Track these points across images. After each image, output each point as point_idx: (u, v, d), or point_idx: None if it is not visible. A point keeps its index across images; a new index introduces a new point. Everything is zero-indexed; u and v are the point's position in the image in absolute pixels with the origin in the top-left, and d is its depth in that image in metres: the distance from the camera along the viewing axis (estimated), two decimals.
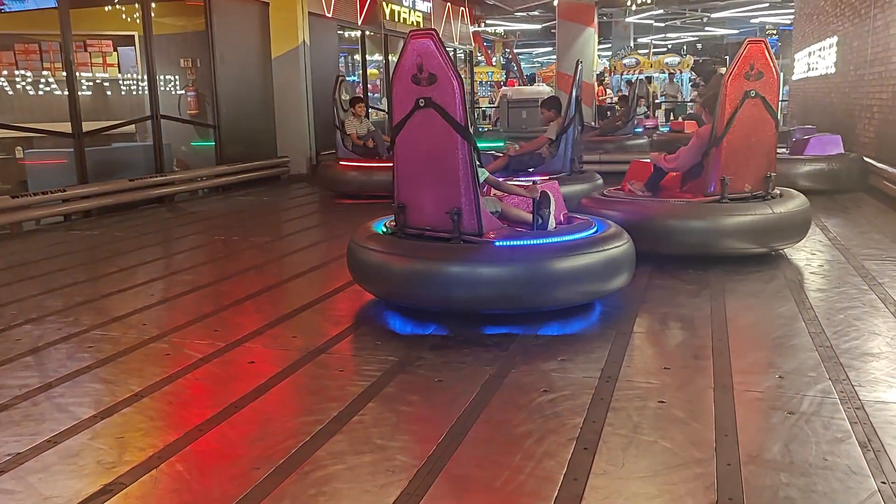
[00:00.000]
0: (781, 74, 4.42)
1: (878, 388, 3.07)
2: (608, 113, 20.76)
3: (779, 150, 9.54)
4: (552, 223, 4.39)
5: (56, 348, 3.93)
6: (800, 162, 8.91)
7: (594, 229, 4.38)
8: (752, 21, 25.55)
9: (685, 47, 32.76)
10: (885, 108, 8.80)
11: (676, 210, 5.29)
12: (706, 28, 28.42)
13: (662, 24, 27.37)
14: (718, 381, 3.18)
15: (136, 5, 9.73)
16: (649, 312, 4.29)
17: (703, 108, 5.78)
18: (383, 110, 15.93)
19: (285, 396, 3.28)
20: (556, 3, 19.37)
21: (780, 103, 6.42)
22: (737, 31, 29.36)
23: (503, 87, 26.63)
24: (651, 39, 28.95)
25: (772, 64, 5.10)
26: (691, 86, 24.08)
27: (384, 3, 15.32)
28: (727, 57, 30.12)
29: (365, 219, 4.91)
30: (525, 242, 4.10)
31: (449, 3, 19.47)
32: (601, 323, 4.17)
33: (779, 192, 5.56)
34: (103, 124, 9.39)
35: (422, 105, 4.03)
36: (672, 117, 21.42)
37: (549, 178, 6.68)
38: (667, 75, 23.79)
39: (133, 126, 10.35)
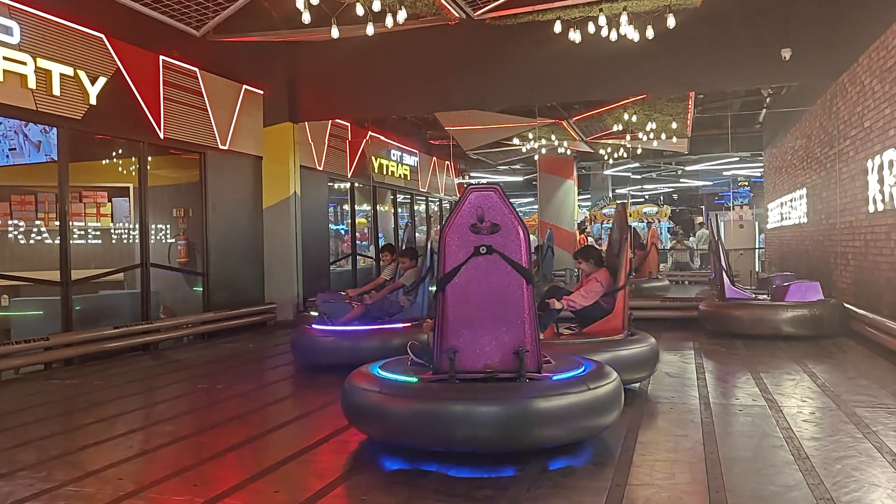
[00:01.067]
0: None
1: None
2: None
3: (760, 297, 9.79)
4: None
5: None
6: (782, 308, 9.05)
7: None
8: (725, 173, 26.77)
9: (662, 197, 34.07)
10: (860, 256, 9.08)
11: None
12: (681, 180, 29.70)
13: (639, 177, 28.59)
14: None
15: (133, 158, 10.10)
16: (643, 454, 4.18)
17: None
18: (370, 257, 16.21)
19: None
20: (536, 157, 20.29)
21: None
22: (710, 183, 30.68)
23: None
24: (629, 190, 30.12)
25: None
26: (670, 234, 24.82)
27: (373, 158, 15.99)
28: (703, 207, 31.33)
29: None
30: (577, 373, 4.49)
31: (434, 157, 20.35)
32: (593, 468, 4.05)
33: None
34: (93, 272, 9.45)
35: (483, 252, 4.38)
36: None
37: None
38: (646, 224, 24.55)
39: (122, 273, 10.41)
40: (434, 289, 4.70)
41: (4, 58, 7.62)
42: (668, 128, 15.65)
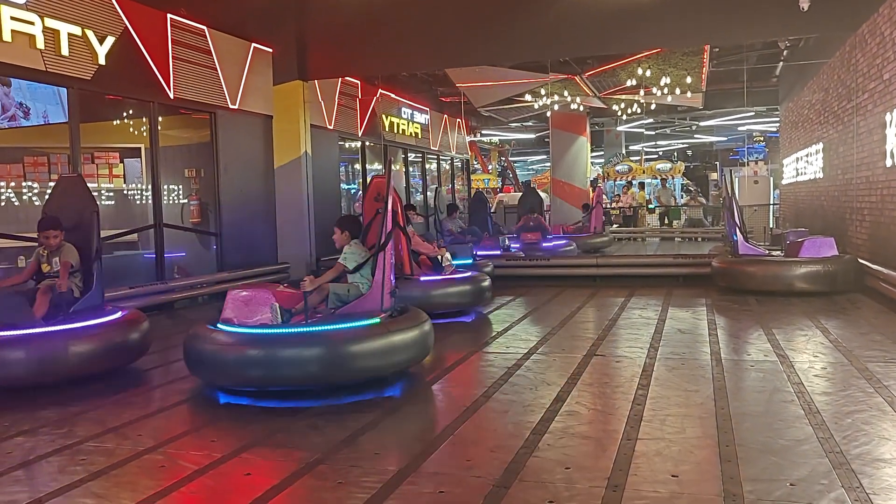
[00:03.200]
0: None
1: (893, 496, 2.98)
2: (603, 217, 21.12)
3: (774, 253, 9.74)
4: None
5: (48, 461, 3.83)
6: (796, 264, 9.01)
7: None
8: (740, 129, 26.41)
9: (676, 154, 33.72)
10: (875, 211, 8.98)
11: None
12: (695, 136, 29.33)
13: (653, 133, 28.27)
14: (728, 490, 3.09)
15: (144, 119, 10.08)
16: (653, 409, 4.22)
17: None
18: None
19: None
20: (549, 114, 20.07)
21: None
22: (725, 139, 30.30)
23: (499, 194, 27.20)
24: (642, 147, 29.82)
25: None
26: (683, 191, 24.62)
27: (383, 116, 15.88)
28: (717, 163, 30.97)
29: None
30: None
31: (446, 115, 20.18)
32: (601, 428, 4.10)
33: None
34: (107, 233, 9.51)
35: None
36: (667, 221, 21.79)
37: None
38: (659, 181, 24.37)
39: (136, 234, 10.48)
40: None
41: (12, 17, 7.56)
42: (682, 82, 15.41)
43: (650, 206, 22.97)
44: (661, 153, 33.02)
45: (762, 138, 28.52)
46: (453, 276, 8.33)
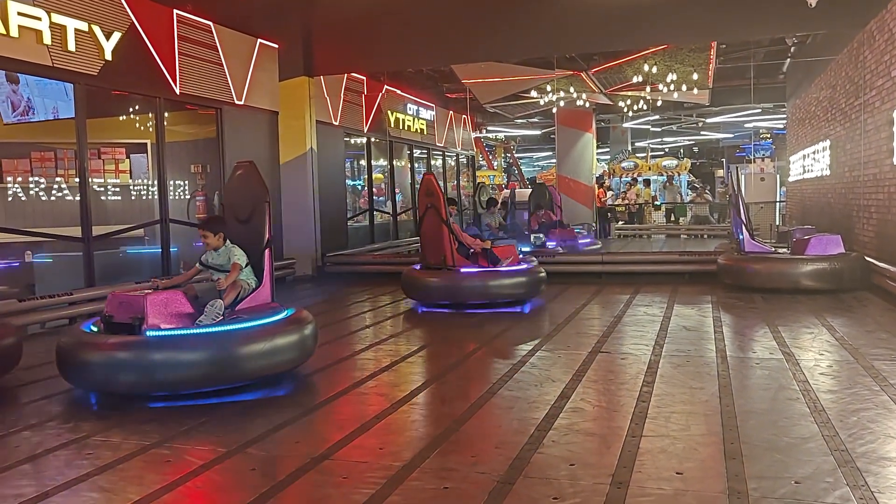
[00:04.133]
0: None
1: None
2: (608, 214, 21.12)
3: (780, 251, 9.72)
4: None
5: (55, 455, 3.85)
6: (802, 262, 8.98)
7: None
8: (746, 126, 26.32)
9: (682, 150, 33.62)
10: (883, 209, 8.95)
11: None
12: (702, 133, 29.24)
13: (659, 129, 28.18)
14: (733, 487, 3.09)
15: (150, 114, 10.10)
16: (658, 406, 4.22)
17: None
18: (387, 212, 16.22)
19: None
20: (554, 110, 20.04)
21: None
22: (731, 135, 30.19)
23: (504, 190, 27.18)
24: (648, 143, 29.74)
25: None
26: (689, 188, 24.55)
27: (389, 112, 15.87)
28: (723, 160, 30.87)
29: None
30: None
31: (451, 111, 20.16)
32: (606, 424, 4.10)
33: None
34: (112, 228, 9.55)
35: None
36: (672, 218, 21.74)
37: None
38: (665, 178, 24.30)
39: (142, 229, 10.50)
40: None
41: (19, 13, 7.58)
42: (689, 79, 15.35)
43: (655, 202, 22.92)
44: (667, 150, 32.93)
45: (769, 135, 28.42)
46: (510, 269, 8.78)
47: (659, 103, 20.06)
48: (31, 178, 10.10)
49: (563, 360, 5.78)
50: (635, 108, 20.27)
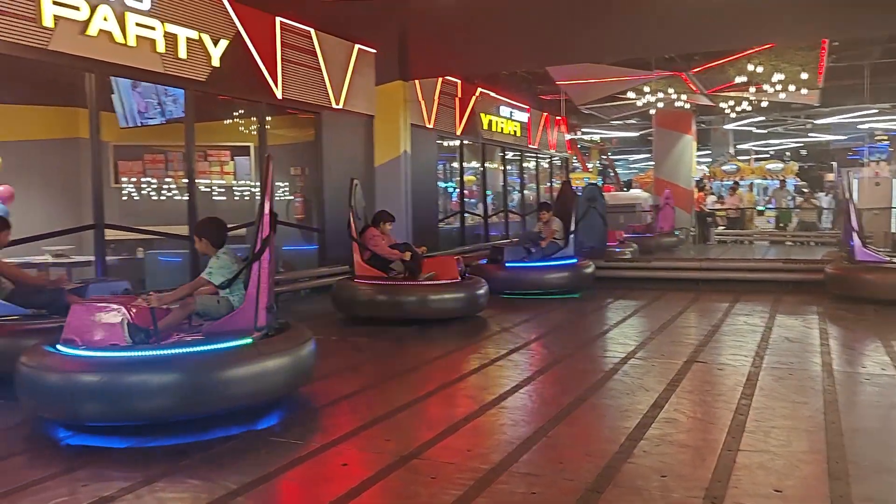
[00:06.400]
0: None
1: None
2: (708, 219, 20.44)
3: (895, 259, 9.13)
4: None
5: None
6: None
7: None
8: (860, 127, 24.88)
9: (788, 153, 32.14)
10: None
11: None
12: (810, 134, 27.85)
13: (764, 131, 27.03)
14: None
15: (253, 118, 10.51)
16: (756, 420, 4.04)
17: None
18: (478, 215, 16.26)
19: (376, 502, 3.24)
20: (652, 111, 19.56)
21: None
22: (843, 137, 28.63)
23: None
24: (752, 146, 28.59)
25: None
26: (796, 193, 23.46)
27: (482, 115, 15.91)
28: (834, 163, 29.30)
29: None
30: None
31: (545, 113, 20.01)
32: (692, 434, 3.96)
33: None
34: None
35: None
36: (780, 224, 20.84)
37: None
38: (778, 182, 23.27)
39: (244, 229, 10.94)
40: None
41: (137, 24, 8.05)
42: (797, 79, 14.65)
43: (759, 207, 22.01)
44: (772, 153, 31.56)
45: (885, 137, 26.76)
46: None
47: (764, 104, 19.23)
48: (143, 179, 10.72)
49: (656, 368, 5.63)
50: (738, 109, 19.53)
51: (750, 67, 14.15)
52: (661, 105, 17.98)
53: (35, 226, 7.67)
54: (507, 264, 9.91)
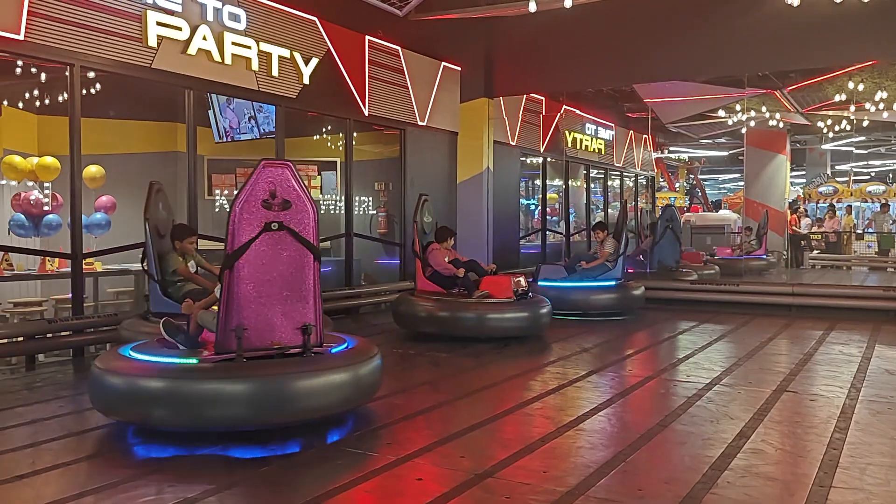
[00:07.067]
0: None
1: None
2: (802, 242, 19.61)
3: None
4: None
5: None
6: None
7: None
8: None
9: (891, 175, 30.49)
10: None
11: None
12: None
13: (864, 151, 25.75)
14: None
15: (340, 134, 10.77)
16: (852, 456, 3.82)
17: None
18: (560, 233, 16.10)
19: None
20: (744, 130, 18.95)
21: None
22: None
23: (686, 213, 26.04)
24: (851, 167, 27.27)
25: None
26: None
27: (566, 132, 15.79)
28: None
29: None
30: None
31: (631, 131, 19.69)
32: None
33: None
34: None
35: (273, 228, 4.28)
36: (881, 249, 19.79)
37: None
38: (879, 205, 22.10)
39: (329, 242, 11.20)
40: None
41: (233, 43, 8.40)
42: None
43: (858, 231, 20.92)
44: (873, 174, 30.01)
45: None
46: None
47: (865, 123, 18.34)
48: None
49: (743, 396, 5.42)
50: (836, 128, 18.68)
51: (850, 85, 13.53)
52: (752, 123, 17.40)
53: (133, 235, 8.06)
54: (539, 283, 9.77)
